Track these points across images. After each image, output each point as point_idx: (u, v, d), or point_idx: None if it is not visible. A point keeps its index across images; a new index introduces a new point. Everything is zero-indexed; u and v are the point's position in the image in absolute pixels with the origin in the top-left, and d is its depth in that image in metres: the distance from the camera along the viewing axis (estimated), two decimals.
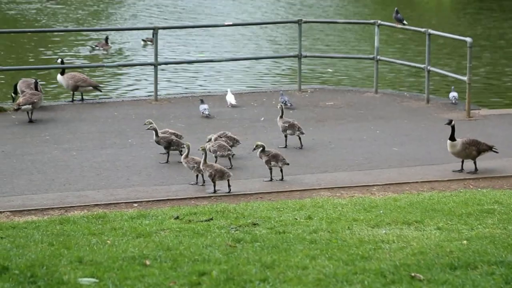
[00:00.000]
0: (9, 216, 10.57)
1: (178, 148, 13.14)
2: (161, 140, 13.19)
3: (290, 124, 14.07)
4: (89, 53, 24.80)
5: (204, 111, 16.18)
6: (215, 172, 11.75)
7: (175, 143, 13.17)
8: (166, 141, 13.17)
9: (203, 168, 11.83)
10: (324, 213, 10.14)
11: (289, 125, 14.06)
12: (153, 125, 13.31)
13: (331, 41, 27.88)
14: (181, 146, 13.09)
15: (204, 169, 11.81)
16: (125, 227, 9.53)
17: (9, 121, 15.71)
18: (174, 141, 13.18)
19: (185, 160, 12.16)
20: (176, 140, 13.20)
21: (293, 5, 37.33)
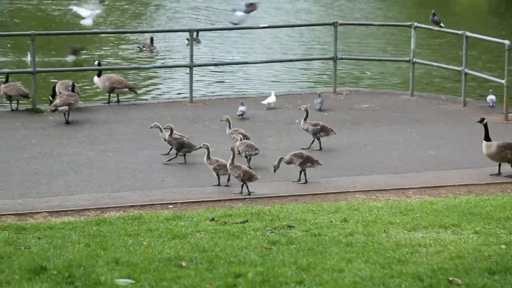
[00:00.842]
0: (46, 217, 10.65)
1: (190, 150, 13.16)
2: (173, 141, 13.22)
3: (322, 126, 14.04)
4: (136, 54, 25.00)
5: (238, 112, 16.23)
6: (243, 174, 11.76)
7: (187, 145, 13.19)
8: (179, 142, 13.20)
9: (230, 168, 11.84)
10: (360, 216, 10.08)
11: (321, 127, 14.03)
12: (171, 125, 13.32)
13: (367, 44, 27.76)
14: (193, 148, 13.12)
15: (232, 170, 11.82)
16: (161, 229, 9.55)
17: (46, 123, 15.85)
18: (186, 143, 13.20)
19: (208, 162, 12.20)
20: (188, 142, 13.22)
21: (329, 8, 37.22)
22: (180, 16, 34.21)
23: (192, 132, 14.91)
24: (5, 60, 23.50)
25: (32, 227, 9.79)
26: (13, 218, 10.57)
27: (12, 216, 10.63)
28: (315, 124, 14.12)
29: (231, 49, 26.25)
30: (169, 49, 26.12)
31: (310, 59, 23.77)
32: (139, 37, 27.58)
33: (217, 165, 12.09)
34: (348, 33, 28.75)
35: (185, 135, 13.56)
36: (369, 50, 26.58)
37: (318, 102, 16.95)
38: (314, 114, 16.62)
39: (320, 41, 28.14)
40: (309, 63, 23.68)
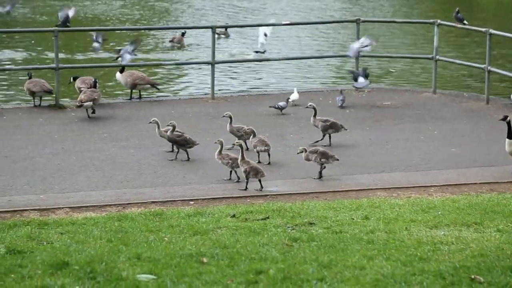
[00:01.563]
0: (68, 212, 10.71)
1: (192, 146, 13.21)
2: (176, 138, 13.23)
3: (332, 122, 14.06)
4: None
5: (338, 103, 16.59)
6: (249, 169, 11.77)
7: (189, 141, 13.19)
8: (183, 139, 13.22)
9: (240, 164, 11.86)
10: (381, 213, 10.06)
11: (331, 123, 14.04)
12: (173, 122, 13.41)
13: (389, 41, 27.65)
14: (194, 144, 13.20)
15: (241, 165, 11.84)
16: (182, 225, 9.58)
17: (69, 119, 15.93)
18: (188, 139, 13.21)
19: (219, 156, 12.24)
20: (189, 138, 13.23)
21: (353, 5, 37.10)
22: (203, 13, 34.23)
23: (214, 128, 14.93)
24: (29, 56, 23.65)
25: (55, 222, 9.86)
26: (36, 213, 10.64)
27: (35, 212, 10.71)
28: (325, 121, 14.15)
29: (253, 46, 26.24)
30: (195, 45, 26.11)
31: (333, 56, 23.71)
32: (158, 33, 27.63)
33: (229, 159, 12.13)
34: (370, 30, 28.64)
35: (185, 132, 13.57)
36: (392, 47, 26.47)
37: (339, 99, 16.97)
38: (336, 111, 16.62)
39: (342, 38, 28.06)
40: (331, 60, 23.62)
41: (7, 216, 10.48)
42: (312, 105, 14.44)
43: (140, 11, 33.95)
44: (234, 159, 12.13)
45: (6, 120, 15.78)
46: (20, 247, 8.43)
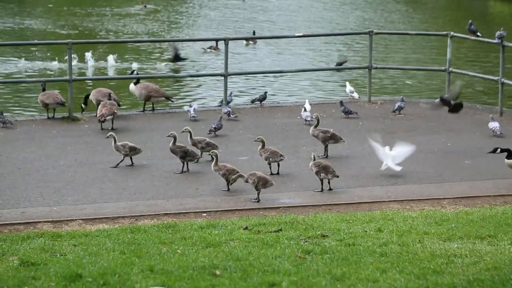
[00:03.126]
0: (81, 224, 10.73)
1: (193, 159, 13.19)
2: (177, 149, 13.25)
3: (332, 133, 14.14)
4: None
5: (307, 118, 16.54)
6: (258, 180, 11.78)
7: (191, 153, 13.21)
8: (183, 151, 13.24)
9: (247, 176, 11.90)
10: (394, 225, 10.03)
11: (331, 134, 14.12)
12: (174, 133, 13.42)
13: (402, 53, 27.64)
14: (196, 157, 13.22)
15: (248, 177, 11.87)
16: (195, 237, 9.59)
17: (82, 131, 15.97)
18: (190, 152, 13.22)
19: (215, 168, 12.29)
20: (191, 151, 13.23)
21: (364, 17, 37.10)
22: (214, 25, 34.33)
23: (227, 140, 14.95)
24: (44, 68, 23.77)
25: (68, 234, 9.88)
26: (49, 225, 10.67)
27: (48, 223, 10.74)
28: (325, 131, 14.17)
29: (264, 58, 26.30)
30: (204, 58, 26.20)
31: (345, 68, 23.69)
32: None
33: (226, 170, 12.21)
34: (381, 42, 28.64)
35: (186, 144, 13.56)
36: (405, 59, 26.45)
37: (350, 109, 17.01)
38: (348, 123, 16.62)
39: (355, 49, 28.07)
40: (344, 72, 23.64)
41: (21, 228, 10.51)
42: (316, 115, 14.46)
43: (157, 24, 34.03)
44: (230, 170, 12.21)
45: (20, 132, 15.84)
46: (34, 259, 8.45)
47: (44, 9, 37.63)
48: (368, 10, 39.00)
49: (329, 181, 12.38)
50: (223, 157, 13.74)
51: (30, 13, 36.16)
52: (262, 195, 11.95)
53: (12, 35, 30.20)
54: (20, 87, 21.28)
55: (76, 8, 37.64)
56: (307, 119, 16.59)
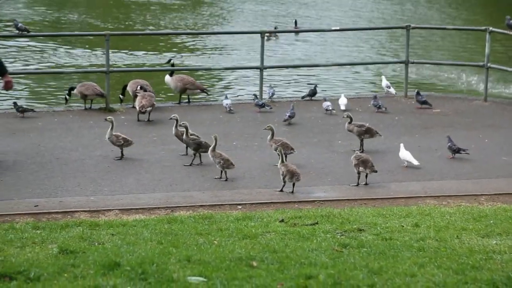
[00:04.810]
0: (118, 214, 10.81)
1: (207, 150, 13.17)
2: (190, 142, 13.25)
3: (367, 127, 14.06)
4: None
5: (328, 107, 16.68)
6: (286, 172, 11.77)
7: (204, 145, 13.19)
8: (196, 143, 13.23)
9: (279, 167, 11.94)
10: (432, 221, 9.97)
11: (366, 128, 14.04)
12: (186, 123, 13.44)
13: (439, 48, 27.44)
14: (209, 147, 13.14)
15: (280, 168, 11.91)
16: (231, 228, 9.61)
17: (119, 122, 16.01)
18: (203, 144, 13.20)
19: (212, 154, 12.43)
20: (205, 143, 13.22)
21: (401, 12, 36.86)
22: (253, 17, 34.31)
23: (261, 133, 14.94)
24: (82, 60, 23.94)
25: (105, 223, 9.96)
26: (86, 214, 10.76)
27: (85, 213, 10.83)
28: (360, 126, 14.11)
29: (301, 51, 26.25)
30: (247, 49, 26.18)
31: (382, 63, 23.62)
32: (207, 39, 27.78)
33: (221, 159, 12.35)
34: (417, 37, 28.44)
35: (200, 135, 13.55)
36: (442, 54, 26.26)
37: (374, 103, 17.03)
38: (383, 117, 16.55)
39: (392, 44, 27.91)
40: (381, 66, 23.53)
41: (59, 217, 10.61)
42: (348, 114, 14.42)
43: (194, 18, 34.12)
44: (225, 160, 12.34)
45: (58, 122, 15.98)
46: (73, 247, 8.53)
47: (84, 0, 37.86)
48: (407, 4, 38.73)
49: (367, 175, 12.33)
50: (259, 151, 13.75)
51: (70, 4, 36.41)
52: (298, 188, 11.94)
53: (52, 27, 30.45)
54: (56, 78, 21.42)
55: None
56: (328, 109, 16.68)
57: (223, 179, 12.48)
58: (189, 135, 13.37)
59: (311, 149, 14.25)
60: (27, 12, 33.65)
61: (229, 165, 12.49)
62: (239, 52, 25.97)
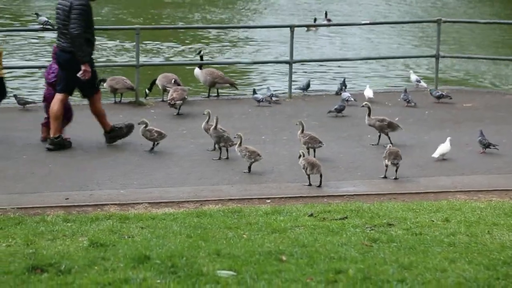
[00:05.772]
0: (147, 208, 10.85)
1: (227, 144, 13.16)
2: (213, 135, 13.21)
3: (389, 122, 14.02)
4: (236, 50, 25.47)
5: (349, 98, 16.58)
6: (306, 164, 11.79)
7: (224, 139, 13.17)
8: (217, 136, 13.19)
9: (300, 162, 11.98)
10: (462, 216, 9.90)
11: (388, 123, 14.00)
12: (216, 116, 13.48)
13: (471, 42, 27.23)
14: (229, 142, 13.18)
15: (300, 162, 11.97)
16: (260, 222, 9.60)
17: (148, 116, 16.09)
18: (225, 137, 13.19)
19: (238, 149, 12.49)
20: (227, 136, 13.21)
21: (432, 5, 36.60)
22: (282, 11, 34.26)
23: (291, 127, 14.92)
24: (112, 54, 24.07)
25: (135, 217, 10.00)
26: (116, 207, 10.81)
27: (115, 206, 10.89)
28: (381, 120, 14.05)
29: (330, 44, 26.18)
30: (278, 42, 26.16)
31: (412, 57, 23.48)
32: (235, 32, 27.79)
33: (247, 151, 12.40)
34: (450, 30, 28.23)
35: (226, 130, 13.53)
36: (475, 48, 26.05)
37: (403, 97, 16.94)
38: (414, 111, 16.47)
39: (423, 37, 27.74)
40: (411, 60, 23.41)
41: (89, 209, 10.68)
42: (368, 104, 14.35)
43: (227, 12, 34.13)
44: (252, 152, 12.41)
45: (87, 115, 16.06)
46: (103, 240, 8.58)
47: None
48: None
49: (397, 169, 12.26)
50: (288, 145, 13.77)
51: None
52: (327, 182, 11.92)
53: None
54: None
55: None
56: (349, 99, 16.58)
57: (246, 171, 12.49)
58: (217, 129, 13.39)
59: (341, 143, 14.21)
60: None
61: (256, 156, 12.49)
62: (273, 45, 25.92)
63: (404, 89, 17.40)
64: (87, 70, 13.43)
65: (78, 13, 13.24)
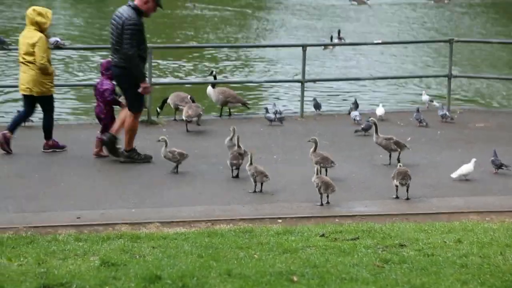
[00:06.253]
0: (159, 227, 10.85)
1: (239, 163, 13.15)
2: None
3: (395, 140, 13.98)
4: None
5: (356, 117, 16.63)
6: (320, 183, 11.77)
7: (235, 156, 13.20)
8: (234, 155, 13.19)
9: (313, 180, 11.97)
10: (475, 237, 9.85)
11: (394, 141, 13.98)
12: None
13: (482, 62, 27.20)
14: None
15: (314, 181, 11.95)
16: (272, 242, 9.58)
17: (160, 134, 16.11)
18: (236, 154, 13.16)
19: (248, 167, 12.46)
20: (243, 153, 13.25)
21: (446, 25, 36.62)
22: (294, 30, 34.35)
23: (303, 146, 14.91)
24: None
25: (146, 236, 9.99)
26: (127, 227, 10.81)
27: (126, 225, 10.88)
28: (388, 138, 14.03)
29: (342, 64, 26.21)
30: (289, 61, 26.21)
31: (424, 76, 23.48)
32: (248, 52, 27.86)
33: (254, 172, 12.36)
34: (463, 50, 28.23)
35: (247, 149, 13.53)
36: (488, 67, 26.02)
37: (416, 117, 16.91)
38: (425, 131, 16.43)
39: (436, 57, 27.74)
40: (422, 80, 23.42)
41: (100, 229, 10.68)
42: (373, 120, 14.33)
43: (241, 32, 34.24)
44: (259, 172, 12.37)
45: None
46: (114, 260, 8.58)
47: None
48: (450, 18, 38.46)
49: (407, 189, 12.23)
50: (299, 165, 13.76)
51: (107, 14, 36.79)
52: (338, 202, 11.89)
53: (91, 38, 30.80)
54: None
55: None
56: (356, 119, 16.62)
57: (255, 191, 12.46)
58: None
59: (352, 163, 14.18)
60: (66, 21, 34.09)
61: (263, 177, 12.46)
62: (285, 64, 25.96)
63: (417, 109, 17.39)
64: (146, 86, 13.76)
65: (130, 33, 13.46)
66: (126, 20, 13.46)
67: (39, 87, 14.29)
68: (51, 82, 14.47)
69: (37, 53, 14.13)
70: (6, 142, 14.38)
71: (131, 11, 13.55)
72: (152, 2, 13.71)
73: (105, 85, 14.35)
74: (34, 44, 14.14)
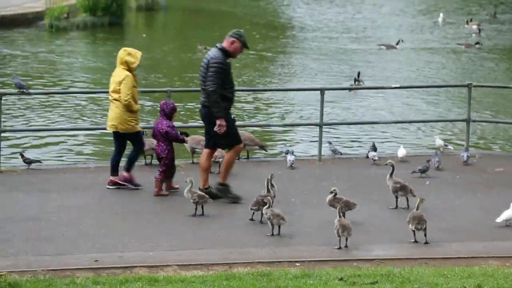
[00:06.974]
0: (176, 270, 10.84)
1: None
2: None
3: (401, 185, 13.93)
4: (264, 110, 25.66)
5: (374, 157, 16.78)
6: (338, 226, 11.84)
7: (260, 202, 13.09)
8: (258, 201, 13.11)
9: (335, 223, 11.99)
10: (495, 282, 9.77)
11: (400, 186, 13.92)
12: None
13: (502, 106, 27.14)
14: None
15: (334, 223, 11.96)
16: (290, 286, 9.56)
17: (179, 177, 16.11)
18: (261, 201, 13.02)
19: (265, 211, 12.47)
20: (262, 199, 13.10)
21: (464, 69, 36.63)
22: (310, 73, 34.45)
23: (321, 190, 14.88)
24: None
25: (164, 279, 9.99)
26: (145, 270, 10.81)
27: (144, 268, 10.88)
28: (396, 182, 14.03)
29: (358, 107, 26.24)
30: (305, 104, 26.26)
31: (443, 121, 23.46)
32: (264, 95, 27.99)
33: (271, 215, 12.36)
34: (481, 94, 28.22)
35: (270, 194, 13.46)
36: (505, 112, 25.96)
37: (436, 160, 16.83)
38: (442, 175, 16.37)
39: (454, 100, 27.73)
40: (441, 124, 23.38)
41: (118, 272, 10.68)
42: (391, 162, 14.32)
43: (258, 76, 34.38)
44: (275, 215, 12.39)
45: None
46: None
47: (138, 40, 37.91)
48: (468, 62, 38.51)
49: (425, 234, 12.16)
50: (318, 208, 13.71)
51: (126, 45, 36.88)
52: (357, 246, 11.84)
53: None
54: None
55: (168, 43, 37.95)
56: (374, 159, 16.73)
57: (272, 234, 12.44)
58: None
59: (371, 206, 14.14)
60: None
61: (280, 220, 12.43)
62: (306, 108, 25.98)
63: (435, 152, 17.36)
64: (222, 124, 13.98)
65: (214, 70, 13.86)
66: (211, 59, 13.94)
67: (124, 124, 14.73)
68: (136, 120, 14.93)
69: (122, 91, 14.61)
70: (128, 181, 14.85)
71: (218, 52, 14.04)
72: (239, 43, 14.15)
73: (164, 124, 14.63)
74: (121, 82, 14.63)
